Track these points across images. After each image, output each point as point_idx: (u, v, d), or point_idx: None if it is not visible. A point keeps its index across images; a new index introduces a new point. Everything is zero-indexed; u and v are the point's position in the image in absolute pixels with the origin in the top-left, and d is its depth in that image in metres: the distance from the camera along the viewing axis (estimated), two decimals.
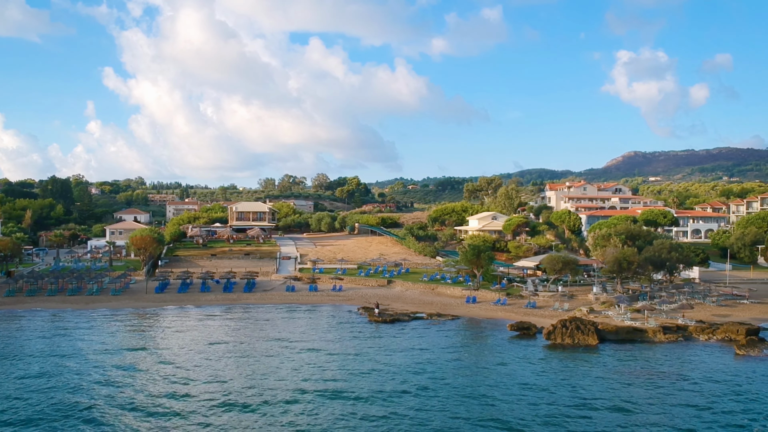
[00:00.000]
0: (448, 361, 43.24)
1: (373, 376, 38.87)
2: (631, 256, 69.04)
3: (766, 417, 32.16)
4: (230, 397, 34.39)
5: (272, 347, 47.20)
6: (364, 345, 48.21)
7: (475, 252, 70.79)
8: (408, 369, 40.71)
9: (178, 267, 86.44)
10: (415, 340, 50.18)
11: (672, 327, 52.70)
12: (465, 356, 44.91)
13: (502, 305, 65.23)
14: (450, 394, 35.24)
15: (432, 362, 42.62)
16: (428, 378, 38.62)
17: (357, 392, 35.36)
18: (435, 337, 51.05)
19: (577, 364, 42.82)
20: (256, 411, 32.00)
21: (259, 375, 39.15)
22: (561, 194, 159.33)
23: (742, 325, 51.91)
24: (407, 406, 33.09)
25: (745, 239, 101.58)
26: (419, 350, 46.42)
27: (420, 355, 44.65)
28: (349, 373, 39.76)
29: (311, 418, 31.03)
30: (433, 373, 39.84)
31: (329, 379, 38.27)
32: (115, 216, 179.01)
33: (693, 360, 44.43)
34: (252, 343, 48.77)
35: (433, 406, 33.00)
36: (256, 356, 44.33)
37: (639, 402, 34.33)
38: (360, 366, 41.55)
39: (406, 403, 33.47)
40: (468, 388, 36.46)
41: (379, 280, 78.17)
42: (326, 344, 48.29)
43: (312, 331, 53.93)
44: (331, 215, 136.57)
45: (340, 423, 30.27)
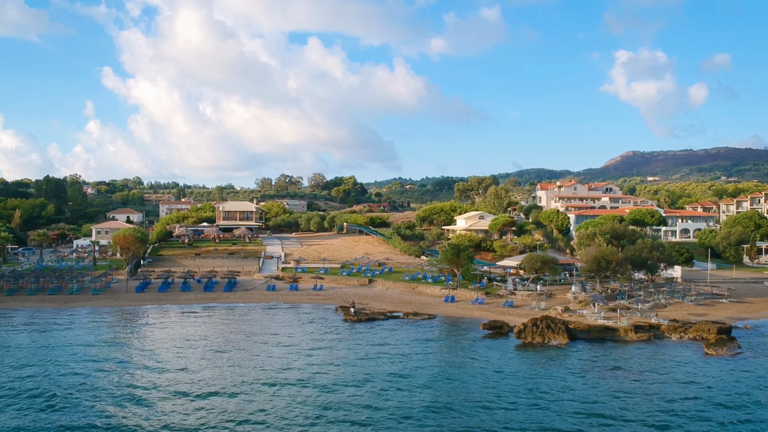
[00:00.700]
0: (414, 360, 43.28)
1: (333, 374, 38.97)
2: (610, 255, 69.11)
3: (726, 415, 32.22)
4: (183, 387, 34.92)
5: (242, 344, 47.28)
6: (334, 343, 48.27)
7: (455, 251, 70.82)
8: (372, 367, 40.81)
9: (161, 266, 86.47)
10: (386, 339, 50.20)
11: (644, 326, 52.75)
12: (432, 355, 44.93)
13: (479, 304, 65.27)
14: (408, 392, 35.32)
15: (397, 361, 42.68)
16: (389, 376, 38.73)
17: (312, 386, 35.60)
18: (407, 337, 51.06)
19: (543, 363, 42.85)
20: (205, 399, 32.63)
21: (223, 369, 39.32)
22: (551, 194, 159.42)
23: (715, 324, 51.95)
24: (359, 401, 33.23)
25: (731, 239, 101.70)
26: (388, 349, 46.44)
27: (387, 354, 44.69)
28: (311, 368, 39.93)
29: (255, 406, 31.37)
30: (395, 371, 39.90)
31: (287, 372, 38.46)
32: (107, 216, 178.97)
33: (661, 359, 44.49)
34: (223, 340, 48.84)
35: (386, 403, 33.11)
36: (225, 352, 44.45)
37: (600, 400, 34.39)
38: (324, 362, 41.67)
39: (358, 399, 33.61)
40: (427, 387, 36.54)
41: (360, 280, 78.20)
42: (296, 341, 48.43)
43: (285, 329, 53.98)
44: (320, 215, 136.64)
45: (286, 411, 30.48)
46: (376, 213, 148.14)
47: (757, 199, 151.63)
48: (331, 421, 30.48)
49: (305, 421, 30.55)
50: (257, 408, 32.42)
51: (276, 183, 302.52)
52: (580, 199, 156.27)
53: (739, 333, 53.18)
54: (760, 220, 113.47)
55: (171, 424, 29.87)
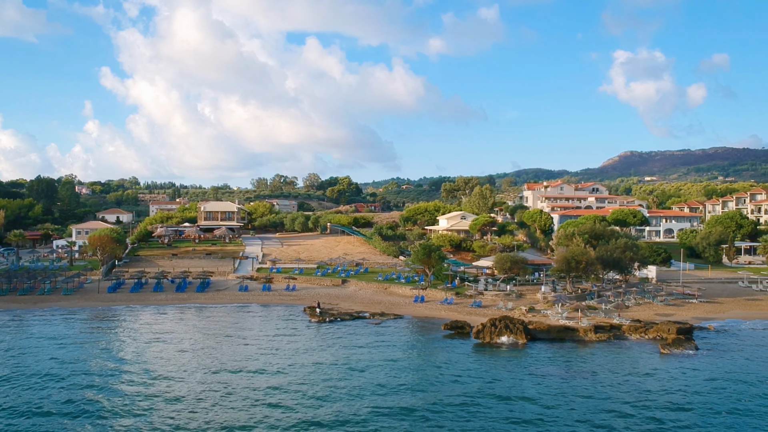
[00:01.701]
0: (368, 360, 43.28)
1: (280, 375, 38.96)
2: (580, 255, 69.10)
3: (663, 415, 32.23)
4: (127, 385, 34.72)
5: (197, 344, 47.22)
6: (291, 344, 48.24)
7: (426, 251, 70.82)
8: (323, 368, 40.81)
9: (138, 267, 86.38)
10: (347, 339, 50.18)
11: (606, 326, 52.76)
12: (387, 355, 44.86)
13: (448, 304, 65.25)
14: (350, 391, 35.33)
15: (351, 362, 42.66)
16: (338, 376, 38.75)
17: (253, 388, 35.59)
18: (368, 337, 51.04)
19: (495, 363, 42.87)
20: (147, 399, 32.34)
21: (170, 369, 39.24)
22: (538, 194, 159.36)
23: (675, 324, 52.01)
24: (299, 403, 33.24)
25: (710, 239, 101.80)
26: (345, 350, 46.45)
27: (344, 355, 44.68)
28: (259, 369, 39.93)
29: (192, 406, 31.32)
30: (345, 372, 39.91)
31: (235, 372, 38.44)
32: (97, 216, 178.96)
33: (615, 359, 44.52)
34: (179, 340, 48.79)
35: (325, 401, 33.13)
36: (178, 352, 44.41)
37: (542, 400, 34.41)
38: (274, 363, 41.69)
39: (299, 400, 33.64)
40: (372, 387, 36.54)
41: (334, 280, 78.16)
42: (253, 342, 48.42)
43: (246, 330, 53.91)
44: (305, 215, 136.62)
45: (222, 412, 30.51)
46: (361, 213, 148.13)
47: (743, 199, 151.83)
48: (267, 424, 30.49)
49: (240, 422, 30.58)
50: (192, 408, 32.44)
51: (271, 183, 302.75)
52: (567, 200, 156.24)
53: (701, 333, 53.32)
54: (741, 220, 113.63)
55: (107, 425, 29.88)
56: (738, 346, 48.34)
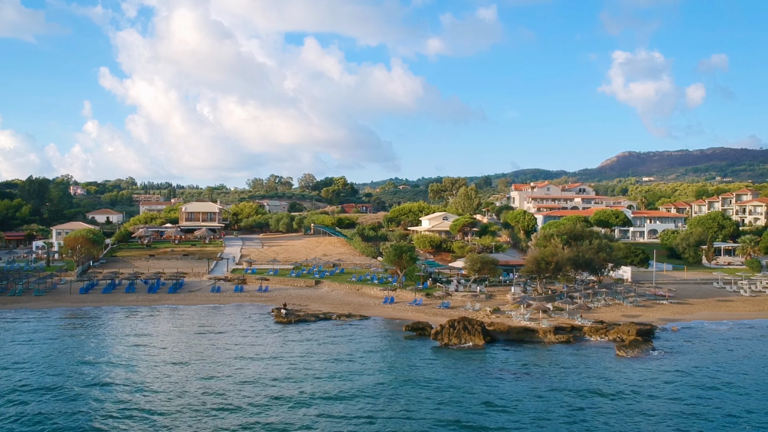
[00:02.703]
0: (321, 363, 43.30)
1: (231, 376, 38.98)
2: (550, 256, 69.12)
3: (606, 416, 32.24)
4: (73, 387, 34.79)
5: (153, 346, 47.18)
6: (248, 345, 48.23)
7: (397, 252, 70.81)
8: (273, 368, 40.87)
9: (115, 267, 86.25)
10: (306, 340, 50.21)
11: (567, 327, 52.79)
12: (342, 357, 44.89)
13: (417, 305, 65.23)
14: (293, 396, 35.36)
15: (304, 364, 42.70)
16: (286, 377, 38.82)
17: (199, 390, 35.59)
18: (328, 338, 51.06)
19: (448, 365, 42.87)
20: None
21: (115, 370, 39.26)
22: (525, 194, 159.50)
23: (636, 326, 52.09)
24: (244, 403, 33.27)
25: (690, 240, 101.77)
26: (301, 350, 46.50)
27: (298, 357, 44.71)
28: (209, 369, 39.90)
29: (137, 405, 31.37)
30: (294, 374, 39.95)
31: (182, 371, 38.44)
32: (87, 216, 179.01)
33: (569, 360, 44.53)
34: (133, 342, 48.75)
35: (262, 407, 33.15)
36: (126, 354, 44.40)
37: (483, 401, 34.42)
38: (225, 365, 41.73)
39: (244, 401, 33.66)
40: (317, 391, 36.55)
41: (307, 281, 78.13)
42: (210, 343, 48.41)
43: (206, 331, 53.87)
44: (290, 215, 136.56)
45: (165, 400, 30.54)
46: (346, 214, 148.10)
47: (729, 200, 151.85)
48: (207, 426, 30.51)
49: (180, 422, 30.60)
50: (137, 407, 32.47)
51: (266, 183, 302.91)
52: (553, 200, 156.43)
53: (663, 335, 53.43)
54: (723, 221, 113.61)
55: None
56: (696, 348, 48.41)
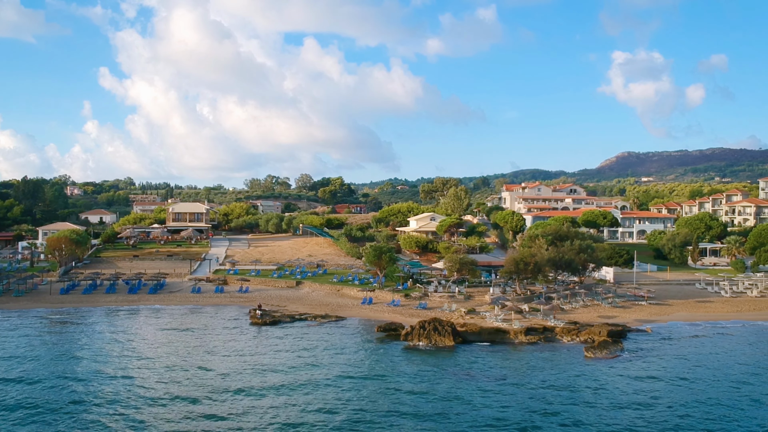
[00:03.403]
0: (289, 364, 43.34)
1: (196, 376, 39.01)
2: (528, 257, 69.14)
3: (564, 417, 32.25)
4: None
5: (122, 347, 47.19)
6: (219, 346, 48.29)
7: (377, 253, 70.80)
8: (238, 368, 40.90)
9: (98, 268, 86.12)
10: (279, 342, 50.21)
11: (539, 328, 52.81)
12: (309, 357, 44.93)
13: (394, 306, 65.25)
14: (254, 398, 35.38)
15: (270, 366, 42.76)
16: (250, 377, 38.86)
17: (170, 393, 35.65)
18: (301, 340, 51.09)
19: (413, 365, 42.88)
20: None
21: (77, 371, 39.30)
22: (515, 195, 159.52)
23: (608, 327, 52.14)
24: (203, 402, 33.31)
25: (676, 240, 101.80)
26: (272, 353, 46.57)
27: (266, 358, 44.78)
28: (176, 369, 39.94)
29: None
30: (259, 376, 39.98)
31: (148, 371, 38.50)
32: (80, 216, 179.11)
33: (536, 361, 44.58)
34: (102, 343, 48.78)
35: (218, 396, 33.19)
36: (94, 355, 44.43)
37: (444, 398, 34.45)
38: (193, 360, 41.77)
39: (205, 400, 33.70)
40: (280, 394, 36.58)
41: (288, 282, 78.12)
42: (182, 343, 48.43)
43: (182, 331, 53.92)
44: (279, 216, 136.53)
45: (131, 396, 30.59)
46: (335, 215, 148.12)
47: (719, 200, 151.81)
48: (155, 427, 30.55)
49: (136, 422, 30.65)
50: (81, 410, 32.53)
51: (263, 184, 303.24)
52: (544, 201, 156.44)
53: (636, 336, 53.47)
54: (711, 222, 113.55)
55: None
56: (666, 349, 48.44)
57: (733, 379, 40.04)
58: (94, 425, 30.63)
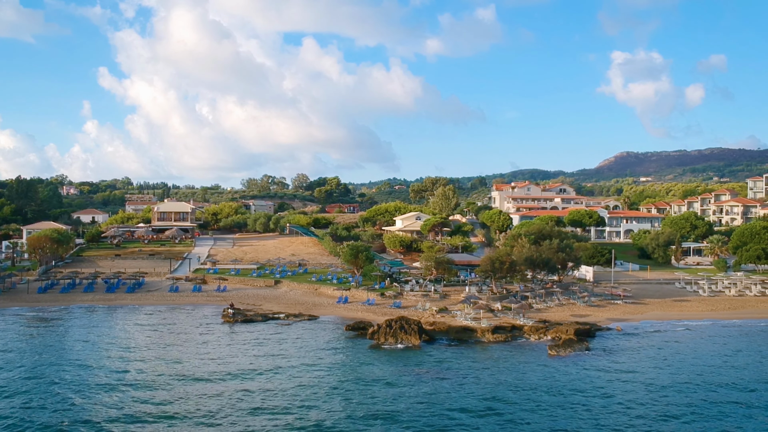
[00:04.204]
0: (248, 359, 43.45)
1: (152, 375, 39.10)
2: (504, 256, 69.23)
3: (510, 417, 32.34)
4: None
5: (86, 346, 47.28)
6: (185, 342, 48.38)
7: (353, 252, 70.84)
8: (198, 368, 40.97)
9: (80, 267, 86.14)
10: (247, 341, 50.33)
11: (507, 327, 52.90)
12: (272, 355, 45.04)
13: (369, 305, 65.30)
14: (213, 397, 35.47)
15: (234, 365, 42.86)
16: (205, 371, 38.96)
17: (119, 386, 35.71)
18: (270, 339, 51.20)
19: (375, 363, 42.96)
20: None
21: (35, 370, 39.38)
22: (505, 194, 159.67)
23: (577, 325, 52.25)
24: (155, 401, 33.39)
25: (659, 240, 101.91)
26: (238, 352, 46.69)
27: (231, 358, 44.87)
28: (131, 368, 40.05)
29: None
30: (220, 376, 40.07)
31: (103, 370, 38.58)
32: (72, 216, 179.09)
33: (498, 359, 44.65)
34: (67, 342, 48.87)
35: (183, 406, 33.27)
36: (59, 354, 44.49)
37: (396, 400, 34.52)
38: (155, 357, 41.86)
39: (156, 399, 33.79)
40: (241, 394, 36.66)
41: (267, 281, 78.15)
42: (147, 342, 48.51)
43: (151, 329, 54.05)
44: (267, 215, 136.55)
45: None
46: (323, 214, 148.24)
47: (708, 200, 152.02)
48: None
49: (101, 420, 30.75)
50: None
51: (259, 183, 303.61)
52: (533, 200, 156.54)
53: (606, 334, 53.61)
54: (696, 221, 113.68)
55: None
56: (631, 348, 48.54)
57: (686, 377, 40.16)
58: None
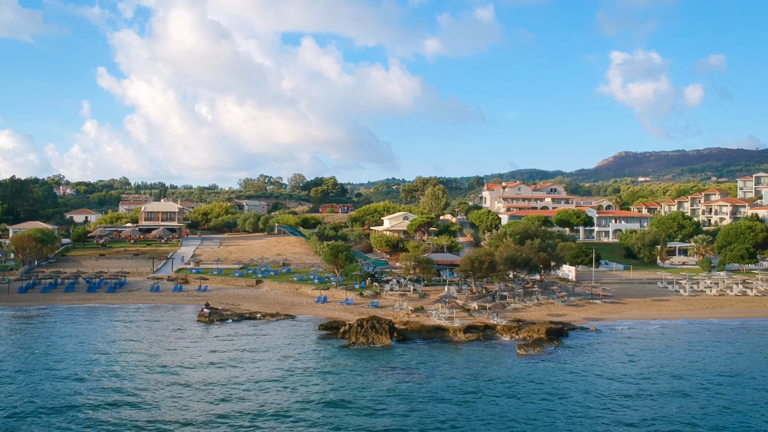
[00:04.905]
0: (213, 359, 43.51)
1: (124, 368, 39.19)
2: (483, 255, 69.33)
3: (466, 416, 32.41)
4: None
5: (58, 342, 47.35)
6: (153, 340, 48.44)
7: (333, 252, 70.91)
8: (162, 360, 41.03)
9: (64, 267, 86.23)
10: (218, 339, 50.44)
11: (480, 326, 52.96)
12: (240, 353, 45.10)
13: (347, 305, 65.33)
14: (170, 396, 35.55)
15: (196, 358, 42.91)
16: (167, 369, 39.06)
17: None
18: (242, 338, 51.27)
19: (340, 363, 43.03)
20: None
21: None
22: (496, 194, 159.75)
23: (549, 325, 52.31)
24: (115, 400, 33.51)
25: (645, 239, 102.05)
26: (205, 348, 46.78)
27: (198, 358, 44.92)
28: (92, 367, 40.14)
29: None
30: (179, 366, 40.14)
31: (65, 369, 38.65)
32: (65, 216, 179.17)
33: (467, 358, 44.75)
34: (38, 338, 48.91)
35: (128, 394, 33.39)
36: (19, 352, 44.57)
37: (357, 396, 34.61)
38: (119, 355, 41.96)
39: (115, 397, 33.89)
40: (185, 387, 36.74)
41: (248, 281, 78.24)
42: (118, 336, 48.57)
43: (125, 328, 54.09)
44: (256, 215, 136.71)
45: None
46: (312, 214, 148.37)
47: (698, 200, 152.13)
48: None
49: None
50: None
51: (255, 183, 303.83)
52: (524, 200, 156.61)
53: (580, 334, 53.67)
54: (683, 221, 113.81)
55: None
56: (602, 347, 48.56)
57: (648, 374, 40.30)
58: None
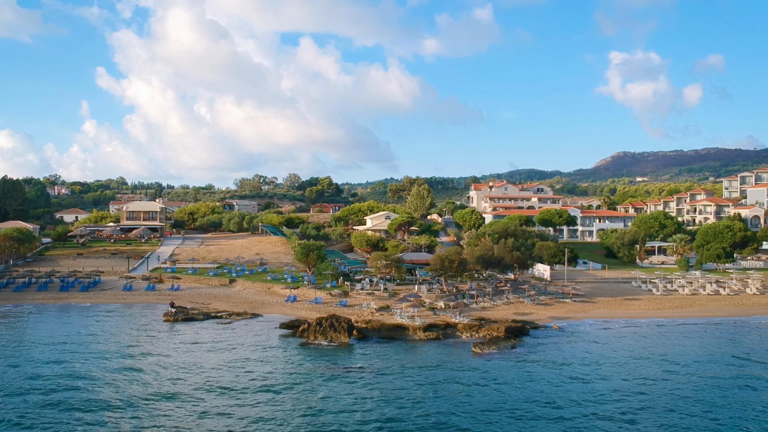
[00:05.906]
0: (170, 359, 43.59)
1: (78, 367, 39.27)
2: (453, 254, 69.45)
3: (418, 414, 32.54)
4: None
5: (22, 340, 47.47)
6: (110, 339, 48.52)
7: (305, 251, 71.00)
8: (113, 358, 41.15)
9: (40, 266, 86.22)
10: (181, 338, 50.56)
11: (441, 325, 53.12)
12: (196, 351, 45.18)
13: (316, 303, 65.42)
14: (122, 395, 35.64)
15: (150, 356, 42.99)
16: (119, 367, 39.17)
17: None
18: (204, 336, 51.39)
19: (295, 362, 43.17)
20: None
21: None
22: (482, 194, 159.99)
23: (508, 323, 52.43)
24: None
25: (624, 239, 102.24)
26: (164, 347, 46.84)
27: (154, 357, 45.00)
28: (59, 356, 40.21)
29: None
30: (130, 368, 40.25)
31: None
32: (55, 215, 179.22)
33: (422, 356, 44.90)
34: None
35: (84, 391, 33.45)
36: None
37: (296, 398, 34.72)
38: (76, 353, 42.03)
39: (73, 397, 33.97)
40: (138, 385, 36.82)
41: (222, 280, 78.32)
42: (77, 333, 48.66)
43: (87, 326, 54.15)
44: (240, 215, 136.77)
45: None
46: (296, 214, 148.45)
47: (684, 199, 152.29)
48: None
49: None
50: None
51: (250, 183, 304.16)
52: (511, 200, 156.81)
53: (540, 333, 53.84)
54: (665, 221, 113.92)
55: None
56: (561, 346, 48.69)
57: (599, 373, 40.42)
58: None
